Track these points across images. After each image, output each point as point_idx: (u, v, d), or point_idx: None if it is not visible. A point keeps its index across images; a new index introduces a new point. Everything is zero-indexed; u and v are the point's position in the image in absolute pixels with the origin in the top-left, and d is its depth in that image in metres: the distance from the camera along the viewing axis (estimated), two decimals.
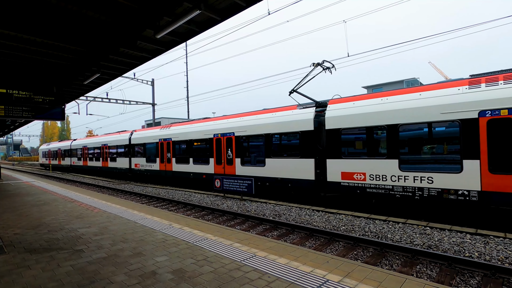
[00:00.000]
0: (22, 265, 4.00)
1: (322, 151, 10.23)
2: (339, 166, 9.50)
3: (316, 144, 10.33)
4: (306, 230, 7.46)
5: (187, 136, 15.73)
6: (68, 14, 5.99)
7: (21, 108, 8.76)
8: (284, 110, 11.56)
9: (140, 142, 19.63)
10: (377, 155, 8.79)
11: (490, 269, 4.88)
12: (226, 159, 13.53)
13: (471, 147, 7.16)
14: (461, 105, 7.31)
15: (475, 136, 7.12)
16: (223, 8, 6.01)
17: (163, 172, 17.52)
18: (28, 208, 8.22)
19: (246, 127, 12.56)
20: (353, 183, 9.17)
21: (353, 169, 9.18)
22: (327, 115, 9.82)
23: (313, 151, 10.32)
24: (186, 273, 3.65)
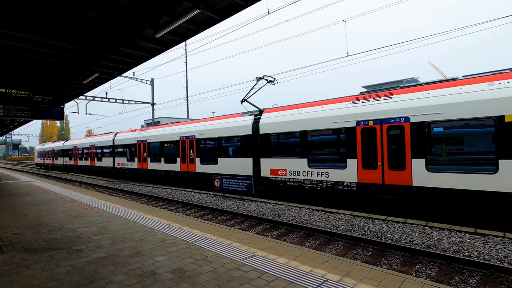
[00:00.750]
0: (21, 264, 4.00)
1: (257, 152, 12.24)
2: (269, 164, 11.62)
3: (254, 146, 12.38)
4: (305, 230, 7.46)
5: (159, 138, 17.72)
6: (67, 13, 5.98)
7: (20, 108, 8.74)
8: (232, 117, 13.67)
9: (122, 143, 21.68)
10: (294, 155, 10.87)
11: (489, 269, 4.89)
12: (189, 158, 15.61)
13: (352, 149, 9.24)
14: (346, 117, 9.38)
15: (354, 140, 9.21)
16: (223, 7, 6.00)
17: (140, 170, 19.68)
18: (27, 207, 8.21)
19: (204, 131, 14.65)
20: (278, 177, 11.32)
21: (278, 166, 11.33)
22: (261, 122, 11.95)
23: (251, 151, 12.42)
24: (185, 272, 3.65)
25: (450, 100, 7.54)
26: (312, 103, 10.71)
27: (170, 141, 16.92)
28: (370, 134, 8.87)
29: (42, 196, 10.56)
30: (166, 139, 17.22)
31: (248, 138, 12.47)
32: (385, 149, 8.59)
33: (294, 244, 6.56)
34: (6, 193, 11.42)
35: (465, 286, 4.63)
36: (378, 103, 8.83)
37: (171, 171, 16.86)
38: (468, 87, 7.40)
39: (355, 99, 9.44)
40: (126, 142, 21.07)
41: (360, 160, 9.07)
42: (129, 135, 21.06)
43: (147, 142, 18.88)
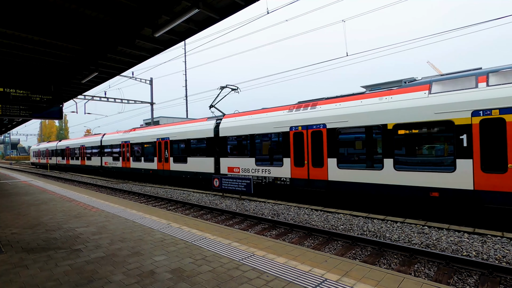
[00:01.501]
0: (20, 264, 3.99)
1: (218, 152, 13.93)
2: (227, 162, 13.39)
3: (215, 147, 14.04)
4: (304, 229, 7.47)
5: (140, 140, 19.33)
6: (66, 12, 5.96)
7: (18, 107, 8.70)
8: (200, 121, 15.44)
9: (108, 144, 23.33)
10: (245, 155, 12.57)
11: (488, 268, 4.91)
12: (164, 158, 17.28)
13: (287, 150, 10.97)
14: (283, 123, 11.14)
15: (288, 143, 10.92)
16: (222, 6, 5.99)
17: (124, 169, 21.31)
18: (26, 207, 8.18)
19: (176, 133, 16.31)
20: (234, 174, 13.07)
21: (233, 164, 13.06)
22: (220, 126, 13.67)
23: (213, 152, 14.14)
24: (184, 272, 3.64)
25: (353, 111, 9.26)
26: (260, 111, 12.54)
27: (149, 142, 18.57)
28: (299, 137, 10.64)
29: (40, 195, 10.53)
30: (145, 140, 18.86)
31: (210, 140, 14.25)
32: (309, 150, 10.39)
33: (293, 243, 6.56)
34: (5, 193, 11.39)
35: (463, 286, 4.65)
36: (306, 112, 10.58)
37: (149, 169, 18.53)
38: (366, 100, 9.12)
39: (291, 108, 11.25)
40: (112, 143, 22.67)
41: (292, 159, 10.88)
42: (114, 136, 22.72)
43: (130, 143, 20.48)
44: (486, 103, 7.00)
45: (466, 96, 7.32)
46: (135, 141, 19.90)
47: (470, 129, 7.23)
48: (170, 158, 16.75)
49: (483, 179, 7.03)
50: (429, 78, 8.60)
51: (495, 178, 6.86)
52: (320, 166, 10.03)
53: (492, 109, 6.93)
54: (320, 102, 10.46)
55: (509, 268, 4.76)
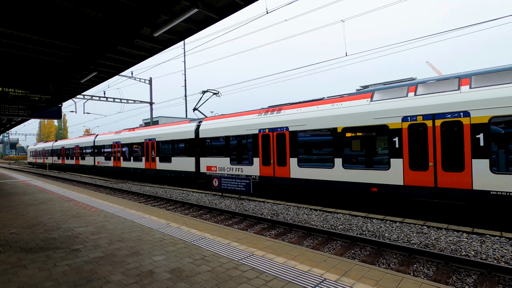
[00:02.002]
0: (18, 264, 3.98)
1: (198, 152, 15.08)
2: (205, 162, 14.56)
3: (196, 148, 15.16)
4: (303, 229, 7.47)
5: (130, 140, 20.44)
6: (65, 12, 5.94)
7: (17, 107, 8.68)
8: (183, 123, 16.53)
9: (100, 144, 24.48)
10: (221, 155, 13.71)
11: (486, 268, 4.92)
12: (151, 157, 18.42)
13: (256, 150, 12.16)
14: (253, 126, 12.26)
15: (257, 144, 12.13)
16: (221, 6, 5.99)
17: (115, 168, 22.39)
18: (25, 207, 8.17)
19: (162, 134, 17.42)
20: (212, 173, 14.22)
21: (211, 164, 14.25)
22: (200, 129, 14.80)
23: (194, 152, 15.25)
24: (183, 272, 3.64)
25: (310, 115, 10.35)
26: (235, 114, 13.69)
27: (137, 143, 19.73)
28: (267, 139, 11.76)
29: (39, 195, 10.51)
30: (134, 141, 20.01)
31: (192, 141, 15.38)
32: (275, 150, 11.50)
33: (292, 243, 6.56)
34: (3, 193, 11.36)
35: (462, 285, 4.65)
36: (272, 116, 11.69)
37: (138, 168, 19.71)
38: (321, 106, 10.22)
39: (260, 112, 12.38)
40: (104, 143, 23.86)
41: (261, 159, 11.99)
42: (106, 137, 23.91)
43: (120, 144, 21.63)
44: (413, 110, 8.14)
45: (398, 104, 8.44)
46: (125, 142, 21.01)
47: (401, 132, 8.35)
48: (156, 158, 17.92)
49: (410, 176, 8.20)
50: (374, 87, 9.71)
51: (419, 175, 8.06)
52: (284, 165, 11.22)
53: (417, 115, 8.07)
54: (285, 107, 11.60)
55: (508, 268, 4.77)
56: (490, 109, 7.04)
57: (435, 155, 7.79)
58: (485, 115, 7.09)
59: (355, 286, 3.24)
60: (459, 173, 7.45)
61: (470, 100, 7.30)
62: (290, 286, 3.23)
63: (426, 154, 7.93)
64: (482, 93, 7.19)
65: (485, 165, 7.05)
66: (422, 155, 7.99)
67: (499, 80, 7.16)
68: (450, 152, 7.61)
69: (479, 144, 7.16)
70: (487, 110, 7.08)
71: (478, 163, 7.15)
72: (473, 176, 7.23)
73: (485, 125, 7.08)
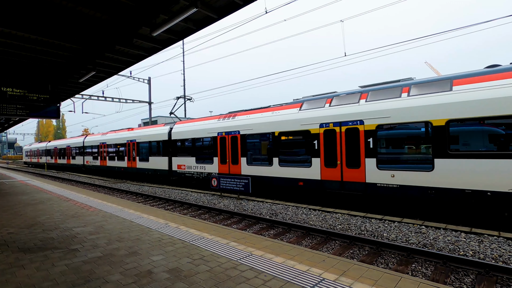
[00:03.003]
0: (16, 264, 3.96)
1: (171, 152, 16.85)
2: (176, 161, 16.34)
3: (169, 148, 16.92)
4: (302, 229, 7.48)
5: (114, 141, 22.13)
6: (63, 11, 5.93)
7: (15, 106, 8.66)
8: (158, 126, 18.42)
9: (89, 145, 26.22)
10: (188, 155, 15.51)
11: (484, 267, 4.93)
12: (132, 157, 20.17)
13: (215, 151, 13.87)
14: (213, 129, 14.03)
15: (216, 145, 13.85)
16: (220, 6, 5.98)
17: (101, 167, 24.12)
18: (23, 207, 8.14)
19: (141, 136, 19.30)
20: (181, 171, 16.00)
21: (181, 162, 16.00)
22: (172, 131, 16.70)
23: (167, 152, 17.04)
24: (182, 272, 3.64)
25: (256, 121, 12.16)
26: (201, 119, 15.60)
27: (121, 144, 21.45)
28: (224, 141, 13.49)
29: (37, 195, 10.48)
30: (118, 142, 21.69)
31: (165, 142, 17.14)
32: (229, 151, 13.21)
33: (291, 243, 6.57)
34: (1, 192, 11.32)
35: (460, 285, 4.67)
36: (228, 121, 13.41)
37: (121, 167, 21.43)
38: (264, 113, 12.04)
39: (220, 117, 14.19)
40: (92, 144, 25.62)
41: (219, 158, 13.70)
42: (94, 138, 25.76)
43: (106, 144, 23.31)
44: (327, 119, 9.83)
45: (317, 113, 10.14)
46: (110, 143, 22.78)
47: (319, 136, 10.04)
48: (136, 157, 19.76)
49: (325, 172, 9.95)
50: (303, 98, 11.43)
51: (331, 171, 9.80)
52: (236, 163, 12.99)
53: (329, 122, 9.79)
54: (239, 113, 13.35)
55: (506, 268, 4.79)
56: (376, 118, 8.76)
57: (341, 155, 9.53)
58: (373, 123, 8.82)
59: (353, 286, 3.25)
60: (357, 169, 9.17)
61: (364, 111, 9.02)
62: (288, 286, 3.24)
63: (335, 154, 9.67)
64: (372, 106, 8.91)
65: (374, 163, 8.80)
66: (333, 155, 9.73)
67: (384, 95, 8.86)
68: (352, 153, 9.30)
69: (370, 146, 8.89)
70: (375, 119, 8.79)
71: (369, 161, 8.89)
72: (366, 171, 8.97)
73: (373, 131, 8.81)
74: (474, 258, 5.47)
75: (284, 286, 3.24)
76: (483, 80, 7.20)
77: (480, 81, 7.25)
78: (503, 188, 6.77)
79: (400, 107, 8.32)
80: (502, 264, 4.95)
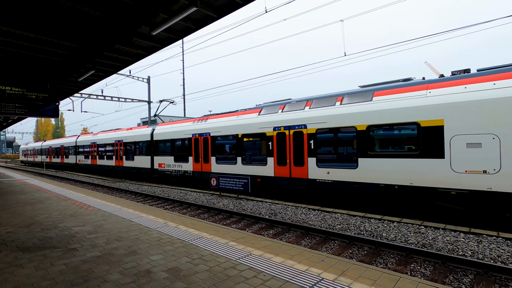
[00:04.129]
0: (15, 263, 3.95)
1: (153, 152, 18.20)
2: (158, 160, 17.68)
3: (151, 148, 18.27)
4: (301, 229, 7.48)
5: (104, 141, 23.48)
6: (62, 9, 5.91)
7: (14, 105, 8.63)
8: (143, 128, 20.00)
9: (80, 144, 27.58)
10: (168, 154, 16.81)
11: (483, 268, 4.94)
12: (119, 156, 21.55)
13: (190, 151, 15.23)
14: (188, 131, 15.35)
15: (190, 145, 15.19)
16: (220, 5, 5.97)
17: (92, 165, 25.49)
18: (21, 206, 8.12)
19: (127, 136, 20.64)
20: (162, 169, 17.26)
21: (162, 161, 17.29)
22: (154, 132, 18.03)
23: (150, 152, 18.42)
24: (181, 271, 3.63)
25: (224, 124, 13.40)
26: (179, 121, 16.83)
27: (109, 143, 22.77)
28: (197, 142, 14.82)
29: (36, 194, 10.46)
30: (107, 142, 23.00)
31: (148, 143, 18.54)
32: (202, 151, 14.58)
33: (290, 243, 6.57)
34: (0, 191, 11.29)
35: (459, 285, 4.68)
36: (201, 124, 14.77)
37: (110, 166, 22.79)
38: (231, 117, 13.33)
39: (195, 120, 15.50)
40: (84, 144, 26.92)
41: (193, 157, 15.05)
42: (85, 137, 27.09)
43: (96, 144, 24.65)
44: (279, 123, 11.17)
45: (272, 118, 11.47)
46: (100, 142, 24.07)
47: (273, 138, 11.35)
48: (123, 156, 21.04)
49: (278, 169, 11.26)
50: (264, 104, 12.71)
51: (282, 169, 11.11)
52: (207, 162, 14.25)
53: (281, 126, 11.12)
54: (211, 117, 14.69)
55: (504, 268, 4.80)
56: (316, 123, 10.08)
57: (290, 155, 10.83)
58: (314, 128, 10.14)
59: (352, 286, 3.25)
60: (302, 167, 10.47)
61: (307, 117, 10.35)
62: (287, 286, 3.23)
63: (285, 154, 10.95)
64: (313, 112, 10.21)
65: (314, 161, 10.13)
66: (284, 155, 11.02)
67: (323, 104, 10.12)
68: (298, 153, 10.60)
69: (311, 147, 10.21)
70: (315, 124, 10.11)
71: (311, 160, 10.21)
72: (308, 169, 10.27)
73: (314, 134, 10.13)
74: (473, 258, 5.48)
75: (283, 285, 3.24)
76: (394, 92, 8.60)
77: (392, 93, 8.63)
78: (406, 182, 8.12)
79: (334, 114, 9.68)
80: (500, 264, 4.96)
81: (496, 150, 6.83)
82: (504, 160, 6.73)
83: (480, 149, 7.03)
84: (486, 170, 6.94)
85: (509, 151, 6.67)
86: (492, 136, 6.89)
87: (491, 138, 6.91)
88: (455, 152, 7.35)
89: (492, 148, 6.88)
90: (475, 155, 7.09)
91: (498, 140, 6.81)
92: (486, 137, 6.96)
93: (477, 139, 7.07)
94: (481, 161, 7.00)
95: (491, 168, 6.88)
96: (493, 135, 6.88)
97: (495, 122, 6.86)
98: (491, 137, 6.90)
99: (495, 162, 6.82)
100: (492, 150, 6.87)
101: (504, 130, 6.75)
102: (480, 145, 7.03)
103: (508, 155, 6.68)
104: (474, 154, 7.10)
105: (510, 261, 5.31)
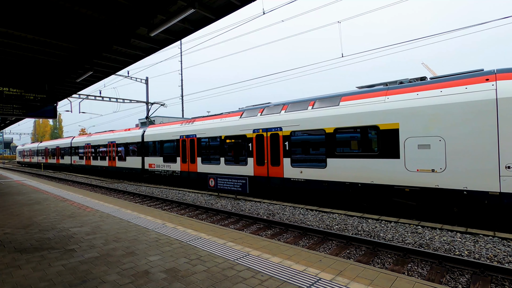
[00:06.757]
0: (12, 265, 3.95)
1: (144, 153, 18.90)
2: (148, 160, 18.40)
3: (142, 149, 18.99)
4: (299, 229, 7.50)
5: (98, 142, 24.23)
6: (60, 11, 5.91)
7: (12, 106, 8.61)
8: (134, 130, 20.63)
9: (75, 146, 28.40)
10: (157, 155, 17.56)
11: (479, 267, 4.98)
12: (112, 157, 22.23)
13: (178, 152, 15.94)
14: (176, 133, 16.09)
15: (178, 146, 15.93)
16: (218, 6, 5.99)
17: (87, 166, 26.30)
18: (19, 207, 8.10)
19: (119, 138, 21.43)
20: (152, 169, 18.00)
21: (152, 162, 18.04)
22: (145, 134, 18.79)
23: (141, 152, 19.07)
24: (179, 272, 3.64)
25: (208, 126, 14.18)
26: (169, 123, 17.57)
27: (103, 145, 23.48)
28: (184, 143, 15.59)
29: (34, 195, 10.43)
30: (100, 143, 23.75)
31: (139, 144, 19.20)
32: (188, 152, 15.29)
33: (288, 243, 6.58)
34: None
35: (455, 285, 4.71)
36: (187, 126, 15.53)
37: (103, 166, 23.51)
38: (214, 120, 14.11)
39: (182, 123, 16.28)
40: (78, 145, 27.70)
41: (181, 158, 15.71)
42: (80, 139, 28.00)
43: (90, 145, 25.37)
44: (258, 125, 11.85)
45: (252, 121, 12.16)
46: (94, 144, 24.79)
47: (252, 140, 12.06)
48: (116, 157, 21.69)
49: (257, 169, 12.00)
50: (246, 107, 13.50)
51: (261, 168, 11.83)
52: (194, 162, 14.97)
53: (259, 128, 11.81)
54: (197, 119, 15.46)
55: (500, 267, 4.84)
56: (290, 126, 10.74)
57: (267, 156, 11.54)
58: (288, 130, 10.81)
59: (349, 286, 3.27)
60: (278, 167, 11.18)
61: (282, 120, 11.03)
62: (285, 286, 3.25)
63: (263, 155, 11.67)
64: (288, 115, 10.89)
65: (289, 162, 10.81)
66: (262, 156, 11.73)
67: (297, 108, 10.78)
68: (274, 154, 11.32)
69: (286, 148, 10.88)
70: (289, 126, 10.79)
71: (286, 161, 10.89)
72: (284, 169, 10.96)
73: (288, 136, 10.80)
74: (469, 258, 5.52)
75: (281, 286, 3.26)
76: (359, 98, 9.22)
77: (357, 98, 9.26)
78: (368, 180, 8.79)
79: (306, 117, 10.32)
80: (496, 264, 5.00)
81: (442, 151, 7.50)
82: (448, 160, 7.40)
83: (429, 150, 7.71)
84: (434, 169, 7.62)
85: (453, 152, 7.34)
86: (439, 138, 7.55)
87: (438, 140, 7.57)
88: (409, 152, 8.02)
89: (438, 149, 7.54)
90: (425, 156, 7.77)
91: (444, 142, 7.48)
92: (434, 139, 7.64)
93: (426, 141, 7.75)
94: (430, 161, 7.68)
95: (438, 167, 7.56)
96: (440, 137, 7.54)
97: (441, 125, 7.53)
98: (438, 139, 7.57)
99: (441, 162, 7.50)
100: (439, 151, 7.54)
101: (448, 133, 7.41)
102: (429, 147, 7.72)
103: (452, 156, 7.35)
104: (424, 154, 7.78)
105: (506, 260, 5.36)
